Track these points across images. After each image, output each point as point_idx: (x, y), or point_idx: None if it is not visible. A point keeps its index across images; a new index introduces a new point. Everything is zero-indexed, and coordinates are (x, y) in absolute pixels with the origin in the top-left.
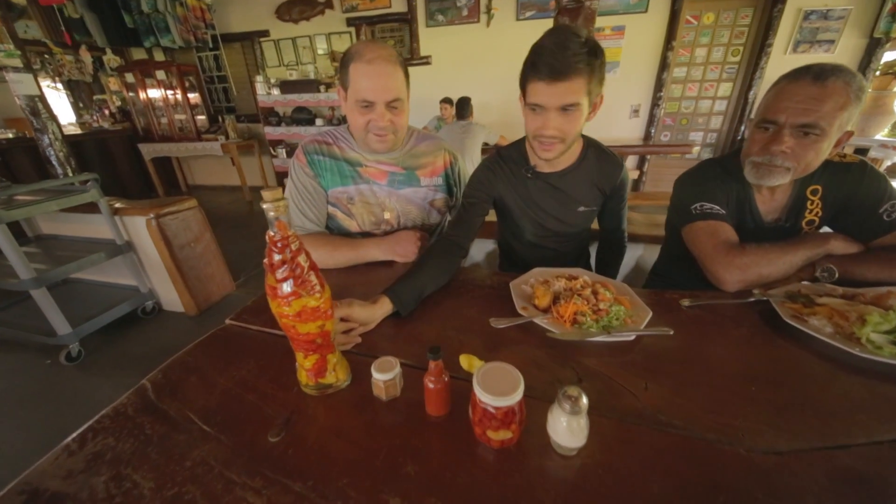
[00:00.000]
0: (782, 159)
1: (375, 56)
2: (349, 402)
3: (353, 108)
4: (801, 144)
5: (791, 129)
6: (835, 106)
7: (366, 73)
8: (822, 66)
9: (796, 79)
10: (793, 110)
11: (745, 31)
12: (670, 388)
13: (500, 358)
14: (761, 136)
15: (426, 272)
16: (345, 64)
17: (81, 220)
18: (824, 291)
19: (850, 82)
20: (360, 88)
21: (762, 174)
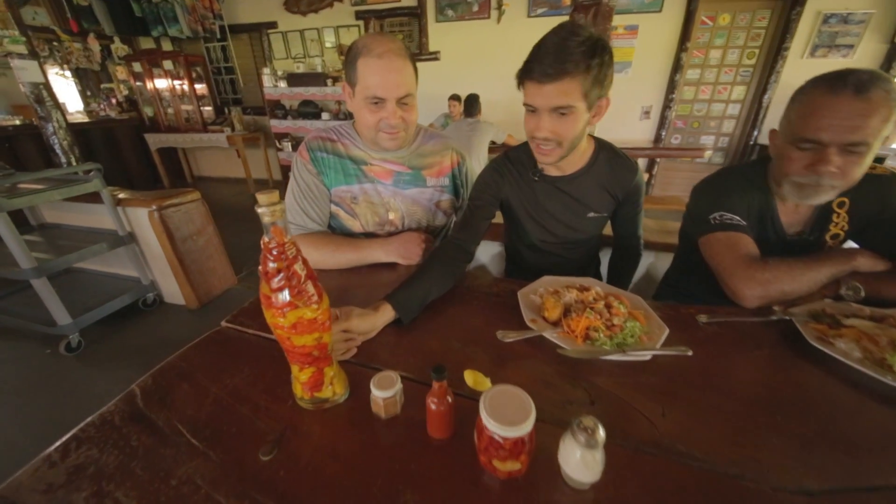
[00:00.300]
0: (831, 179)
1: (385, 50)
2: (346, 418)
3: (361, 106)
4: (848, 162)
5: (837, 147)
6: (880, 119)
7: (376, 68)
8: (860, 76)
9: (834, 92)
10: (838, 128)
11: (762, 33)
12: (689, 415)
13: (508, 374)
14: (801, 155)
15: (430, 278)
16: (352, 59)
17: (85, 210)
18: (850, 311)
19: (889, 91)
20: (369, 85)
21: (808, 194)
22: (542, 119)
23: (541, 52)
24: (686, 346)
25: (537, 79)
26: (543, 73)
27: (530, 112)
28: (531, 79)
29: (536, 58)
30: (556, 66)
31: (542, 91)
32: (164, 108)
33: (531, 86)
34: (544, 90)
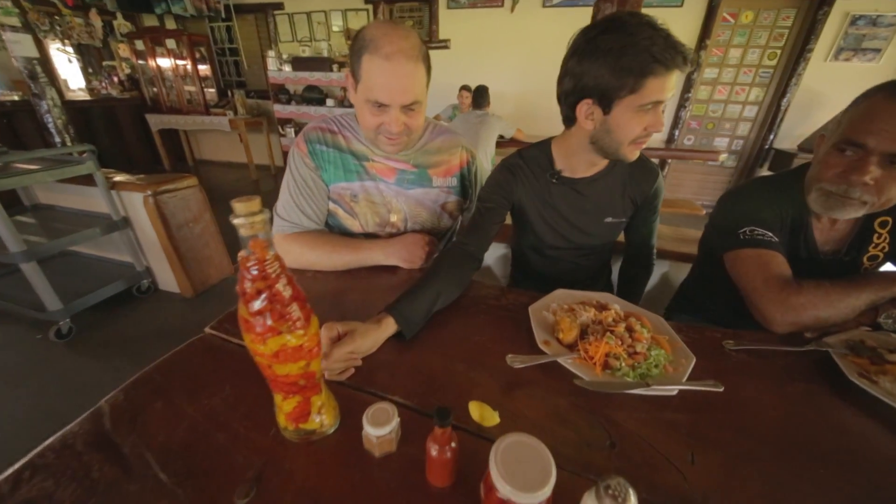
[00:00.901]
0: (862, 191)
1: (395, 50)
2: (335, 453)
3: (363, 105)
4: (888, 176)
5: (880, 156)
6: None
7: (382, 70)
8: None
9: (893, 96)
10: (887, 135)
11: (785, 33)
12: (721, 463)
13: (518, 407)
14: (839, 160)
15: (435, 288)
16: (357, 50)
17: (80, 192)
18: (891, 343)
19: None
20: (373, 87)
21: (832, 205)
22: (659, 112)
23: (666, 41)
24: (715, 381)
25: (670, 67)
26: (685, 61)
27: (651, 108)
28: (668, 68)
29: (668, 45)
30: (686, 53)
31: (671, 81)
32: (167, 88)
33: (661, 79)
34: (672, 80)
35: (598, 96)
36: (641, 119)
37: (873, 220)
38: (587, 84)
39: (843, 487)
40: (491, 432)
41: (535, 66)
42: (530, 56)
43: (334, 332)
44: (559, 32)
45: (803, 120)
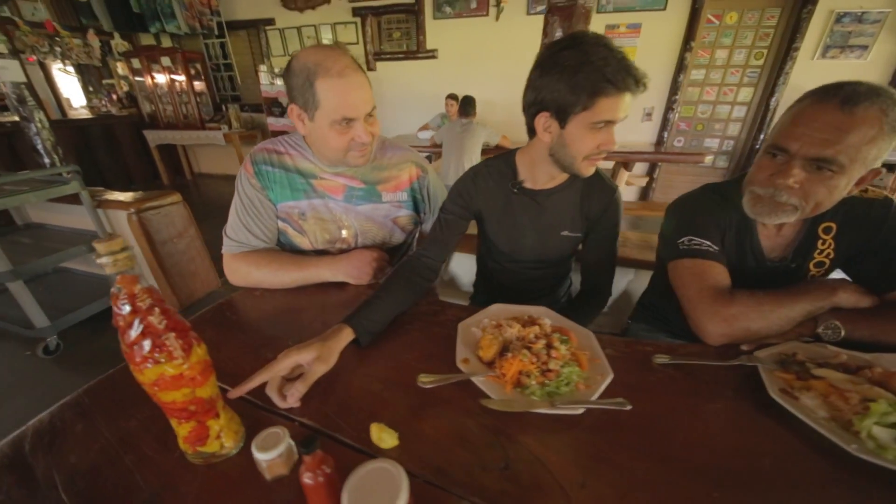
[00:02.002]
0: (788, 195)
1: (343, 67)
2: (232, 476)
3: (326, 129)
4: (812, 180)
5: (803, 160)
6: (861, 139)
7: (341, 88)
8: (856, 89)
9: (822, 100)
10: (809, 139)
11: (771, 32)
12: (613, 488)
13: (422, 427)
14: (769, 164)
15: (390, 297)
16: (304, 81)
17: (69, 211)
18: (825, 357)
19: (887, 111)
20: (337, 107)
21: (762, 210)
22: (611, 132)
23: (619, 63)
24: (625, 399)
25: (620, 89)
26: (636, 83)
27: (603, 126)
28: (619, 89)
29: (621, 67)
30: (639, 76)
31: (622, 102)
32: (163, 104)
33: (612, 99)
34: (623, 101)
35: (554, 110)
36: (595, 136)
37: (817, 225)
38: (545, 97)
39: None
40: (389, 454)
41: (521, 72)
42: (516, 63)
43: (290, 365)
44: None
45: None
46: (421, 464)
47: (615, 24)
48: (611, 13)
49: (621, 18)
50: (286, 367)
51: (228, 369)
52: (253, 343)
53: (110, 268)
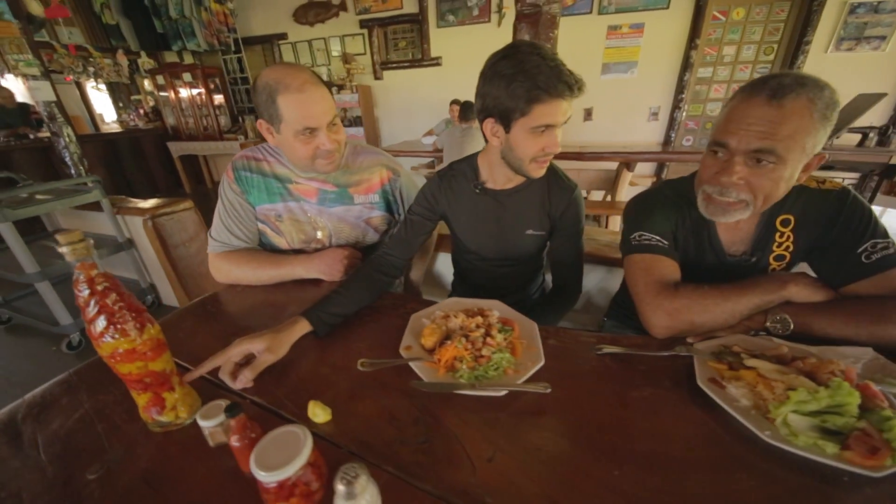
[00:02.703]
0: (736, 192)
1: (302, 82)
2: (184, 443)
3: (292, 140)
4: (755, 174)
5: (743, 155)
6: (794, 129)
7: (301, 101)
8: (781, 81)
9: (751, 95)
10: (745, 134)
11: (781, 26)
12: (519, 463)
13: (356, 406)
14: (713, 162)
15: (349, 292)
16: (267, 98)
17: (93, 218)
18: (764, 349)
19: (815, 99)
20: (298, 118)
21: (715, 210)
22: (553, 135)
23: (552, 70)
24: (547, 384)
25: (553, 95)
26: (570, 89)
27: (544, 130)
28: (551, 96)
29: (553, 75)
30: (572, 82)
31: (559, 108)
32: (185, 117)
33: (546, 105)
34: (560, 107)
35: (498, 116)
36: (537, 140)
37: (775, 218)
38: (489, 104)
39: (633, 489)
40: (322, 428)
41: None
42: None
43: (242, 352)
44: None
45: None
46: (348, 437)
47: (618, 24)
48: (613, 14)
49: (623, 19)
50: (238, 353)
51: (200, 354)
52: (226, 332)
53: (70, 256)
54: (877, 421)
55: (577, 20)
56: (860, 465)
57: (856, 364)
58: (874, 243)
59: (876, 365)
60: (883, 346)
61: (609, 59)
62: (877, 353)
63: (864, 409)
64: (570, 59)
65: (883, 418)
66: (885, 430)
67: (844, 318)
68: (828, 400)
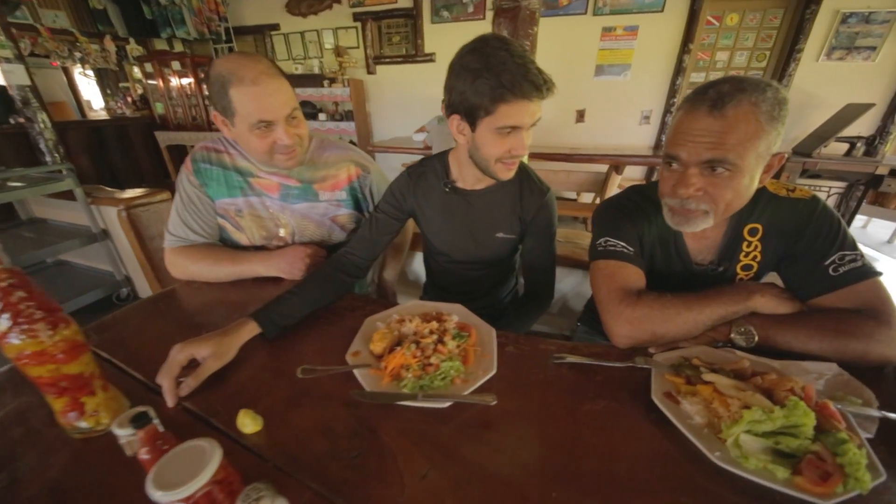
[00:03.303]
0: (696, 202)
1: (257, 74)
2: (101, 451)
3: (248, 133)
4: (712, 183)
5: (696, 166)
6: (742, 136)
7: (254, 94)
8: (720, 90)
9: (693, 107)
10: (693, 146)
11: (774, 34)
12: (452, 482)
13: (293, 417)
14: (670, 174)
15: (304, 293)
16: (220, 89)
17: (67, 207)
18: (725, 362)
19: (758, 102)
20: (252, 111)
21: (679, 221)
22: (520, 136)
23: (520, 68)
24: (493, 395)
25: (518, 95)
26: (536, 89)
27: (510, 132)
28: (516, 96)
29: (519, 73)
30: (540, 82)
31: (525, 108)
32: (174, 106)
33: (512, 105)
34: (527, 108)
35: (463, 113)
36: (502, 141)
37: (742, 227)
38: (455, 100)
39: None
40: (251, 440)
41: None
42: None
43: (186, 358)
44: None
45: (796, 122)
46: (276, 449)
47: (612, 26)
48: (607, 15)
49: (618, 21)
50: (181, 362)
51: (140, 354)
52: (174, 332)
53: None
54: (832, 444)
55: (572, 20)
56: (810, 491)
57: (819, 380)
58: (842, 255)
59: (839, 381)
60: (848, 362)
61: (603, 61)
62: (841, 368)
63: (821, 431)
64: (565, 59)
65: (838, 441)
66: (839, 454)
67: (809, 331)
68: (783, 420)
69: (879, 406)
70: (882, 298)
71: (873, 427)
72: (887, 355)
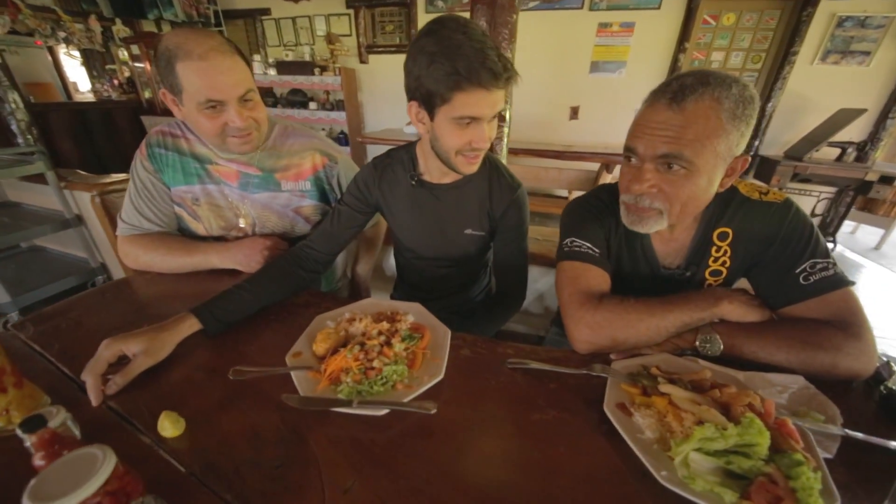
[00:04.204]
0: (650, 199)
1: (206, 49)
2: (9, 451)
3: (196, 113)
4: (667, 180)
5: (652, 161)
6: (701, 132)
7: (202, 70)
8: (684, 82)
9: (655, 99)
10: (650, 139)
11: (770, 35)
12: (375, 496)
13: (222, 418)
14: (627, 169)
15: (254, 288)
16: (166, 64)
17: (40, 191)
18: (687, 371)
19: (720, 98)
20: (199, 89)
21: (633, 219)
22: (482, 128)
23: (477, 53)
24: (433, 403)
25: (473, 83)
26: (494, 77)
27: (469, 123)
28: (472, 84)
29: (476, 59)
30: (498, 69)
31: (484, 98)
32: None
33: (468, 94)
34: (486, 97)
35: (421, 99)
36: (461, 132)
37: (711, 230)
38: (412, 85)
39: None
40: (171, 444)
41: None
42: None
43: (114, 354)
44: (534, 36)
45: (790, 125)
46: (195, 456)
47: (608, 22)
48: (604, 11)
49: (615, 17)
50: (108, 357)
51: (72, 349)
52: (117, 326)
53: None
54: (786, 465)
55: (568, 14)
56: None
57: (783, 393)
58: (813, 263)
59: (805, 395)
60: (815, 375)
61: (598, 58)
62: (808, 382)
63: (777, 450)
64: (559, 54)
65: (793, 462)
66: (792, 477)
67: (776, 342)
68: (736, 439)
69: (843, 423)
70: (852, 310)
71: (834, 446)
72: (855, 369)
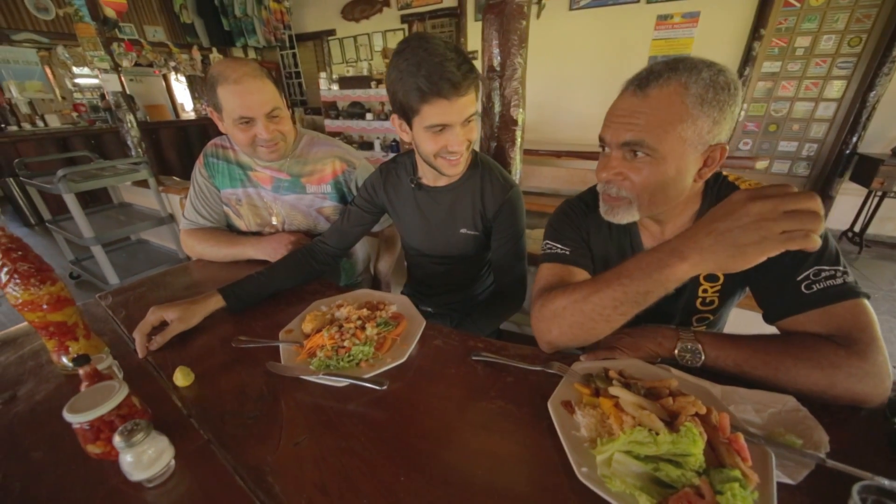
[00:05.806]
0: (618, 187)
1: (240, 75)
2: (75, 386)
3: (233, 128)
4: (632, 167)
5: (618, 149)
6: (662, 119)
7: (236, 92)
8: (652, 69)
9: (625, 87)
10: (615, 127)
11: (873, 13)
12: (318, 451)
13: (220, 378)
14: (600, 159)
15: (271, 274)
16: (211, 88)
17: (145, 194)
18: (650, 377)
19: (687, 84)
20: (234, 107)
21: (605, 209)
22: (455, 133)
23: (437, 67)
24: (386, 380)
25: (434, 94)
26: (453, 87)
27: (441, 130)
28: (434, 95)
29: (434, 72)
30: (457, 79)
31: (448, 106)
32: None
33: (433, 105)
34: (450, 106)
35: (400, 112)
36: (436, 138)
37: None
38: (390, 100)
39: (405, 497)
40: (181, 391)
41: (561, 70)
42: (557, 61)
43: (156, 320)
44: (588, 34)
45: None
46: (195, 402)
47: (668, 14)
48: (664, 2)
49: (676, 7)
50: (153, 321)
51: (136, 316)
52: (168, 301)
53: None
54: (718, 480)
55: (623, 10)
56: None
57: (761, 412)
58: (818, 270)
59: (792, 417)
60: (808, 396)
61: (657, 52)
62: (799, 404)
63: (719, 465)
64: (612, 52)
65: (727, 478)
66: (721, 492)
67: (763, 356)
68: (668, 447)
69: (829, 453)
70: (861, 325)
71: (802, 473)
72: (857, 391)
